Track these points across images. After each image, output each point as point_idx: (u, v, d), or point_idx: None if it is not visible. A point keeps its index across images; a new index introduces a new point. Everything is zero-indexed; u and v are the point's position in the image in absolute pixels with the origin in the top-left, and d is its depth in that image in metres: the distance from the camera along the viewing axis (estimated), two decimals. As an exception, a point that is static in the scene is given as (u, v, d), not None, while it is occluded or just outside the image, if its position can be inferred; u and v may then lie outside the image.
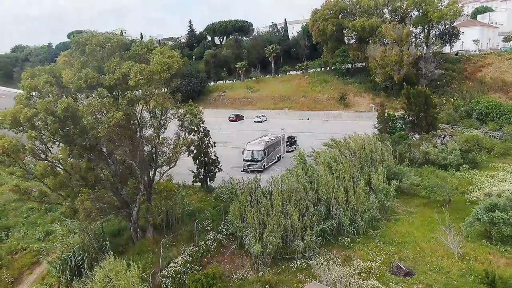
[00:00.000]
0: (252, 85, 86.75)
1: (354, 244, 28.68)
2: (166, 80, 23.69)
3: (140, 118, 23.50)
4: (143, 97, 22.73)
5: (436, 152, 43.64)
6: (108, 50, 22.95)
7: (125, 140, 21.53)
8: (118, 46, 23.91)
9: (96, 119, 20.39)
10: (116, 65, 22.62)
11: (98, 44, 22.68)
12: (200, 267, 24.17)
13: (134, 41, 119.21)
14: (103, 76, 22.33)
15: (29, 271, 24.68)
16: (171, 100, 25.25)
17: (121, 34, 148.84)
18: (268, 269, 25.31)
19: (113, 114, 19.93)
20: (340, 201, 30.20)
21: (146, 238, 26.67)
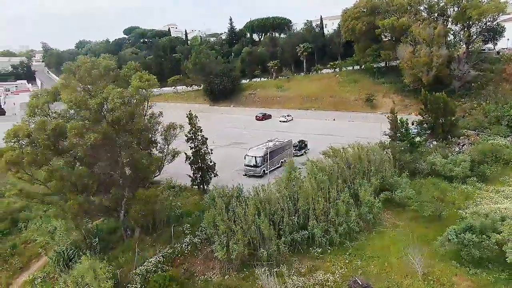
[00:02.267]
0: (282, 84, 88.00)
1: (326, 255, 30.02)
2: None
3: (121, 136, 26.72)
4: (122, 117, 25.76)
5: (442, 163, 42.59)
6: (95, 76, 26.30)
7: (104, 156, 24.94)
8: (106, 70, 27.18)
9: (78, 140, 23.94)
10: (101, 89, 25.95)
11: (86, 71, 26.14)
12: (171, 268, 27.19)
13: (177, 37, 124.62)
14: (89, 99, 25.79)
15: (35, 260, 29.38)
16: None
17: (168, 30, 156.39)
18: (235, 274, 27.69)
19: (89, 136, 23.29)
20: (317, 212, 31.48)
21: (133, 237, 30.25)
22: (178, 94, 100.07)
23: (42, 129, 24.29)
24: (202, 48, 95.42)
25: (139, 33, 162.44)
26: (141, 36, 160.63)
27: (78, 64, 26.87)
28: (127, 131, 26.25)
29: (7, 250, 30.00)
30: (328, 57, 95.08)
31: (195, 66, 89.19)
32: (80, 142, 23.31)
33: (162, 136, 30.78)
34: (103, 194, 27.41)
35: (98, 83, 26.67)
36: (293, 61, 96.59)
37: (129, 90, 25.40)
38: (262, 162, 42.77)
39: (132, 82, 25.83)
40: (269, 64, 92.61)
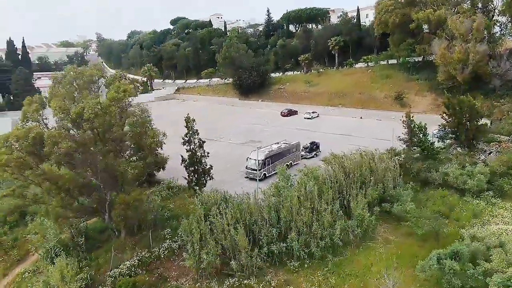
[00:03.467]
0: (312, 79, 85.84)
1: (303, 269, 29.38)
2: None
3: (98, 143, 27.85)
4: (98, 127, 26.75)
5: (456, 173, 39.46)
6: (78, 85, 27.52)
7: (80, 163, 26.25)
8: (89, 80, 28.30)
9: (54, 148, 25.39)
10: (83, 98, 27.14)
11: (69, 81, 27.43)
12: (145, 272, 28.20)
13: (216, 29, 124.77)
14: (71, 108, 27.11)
15: (32, 253, 31.85)
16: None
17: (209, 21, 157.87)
18: (207, 282, 28.08)
19: (61, 145, 24.59)
20: (299, 225, 30.78)
21: (119, 238, 31.69)
22: (210, 87, 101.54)
23: (26, 136, 25.92)
24: (232, 41, 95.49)
25: (183, 24, 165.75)
26: (185, 27, 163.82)
27: (65, 74, 28.26)
28: (106, 140, 27.34)
29: (9, 243, 32.89)
30: (364, 50, 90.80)
31: (224, 60, 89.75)
32: (54, 150, 24.66)
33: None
34: (87, 196, 28.89)
35: (83, 92, 27.84)
36: (327, 54, 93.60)
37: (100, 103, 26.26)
38: (262, 165, 42.40)
39: (108, 94, 26.67)
40: (300, 58, 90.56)
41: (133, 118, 29.60)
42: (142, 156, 33.72)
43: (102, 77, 30.81)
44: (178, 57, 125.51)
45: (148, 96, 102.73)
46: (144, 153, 30.06)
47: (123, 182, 28.64)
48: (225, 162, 49.46)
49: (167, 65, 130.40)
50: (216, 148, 57.78)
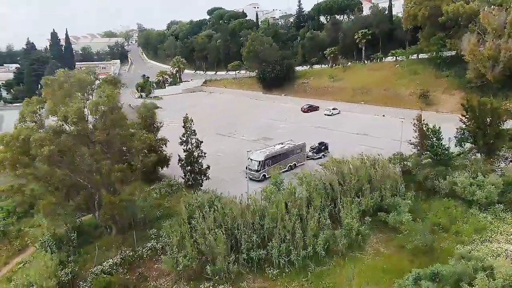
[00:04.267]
0: (336, 74, 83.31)
1: (282, 277, 29.06)
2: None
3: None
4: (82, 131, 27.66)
5: (464, 183, 36.94)
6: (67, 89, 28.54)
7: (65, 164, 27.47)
8: (79, 82, 29.24)
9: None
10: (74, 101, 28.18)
11: (58, 85, 28.54)
12: (126, 270, 29.20)
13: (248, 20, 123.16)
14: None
15: (32, 244, 33.97)
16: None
17: (242, 12, 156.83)
18: (185, 284, 28.63)
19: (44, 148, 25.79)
20: (281, 231, 30.37)
21: (110, 235, 32.98)
22: (236, 80, 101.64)
23: (17, 137, 27.45)
24: (257, 34, 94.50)
25: (218, 15, 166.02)
26: (220, 17, 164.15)
27: (52, 79, 29.47)
28: (92, 143, 28.37)
29: (14, 233, 35.29)
30: (395, 43, 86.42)
31: (248, 53, 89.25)
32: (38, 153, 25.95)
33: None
34: (76, 195, 30.24)
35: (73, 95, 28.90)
36: (355, 48, 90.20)
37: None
38: (261, 166, 42.05)
39: (92, 100, 27.41)
40: (326, 52, 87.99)
41: (122, 121, 30.22)
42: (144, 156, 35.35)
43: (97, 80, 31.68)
44: (209, 49, 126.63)
45: (176, 88, 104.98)
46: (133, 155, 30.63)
47: (109, 183, 29.55)
48: (231, 161, 49.59)
49: (198, 56, 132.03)
50: (227, 144, 58.30)
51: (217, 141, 59.30)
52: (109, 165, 28.31)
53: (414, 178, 40.29)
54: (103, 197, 29.75)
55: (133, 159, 32.14)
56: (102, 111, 27.44)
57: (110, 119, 28.17)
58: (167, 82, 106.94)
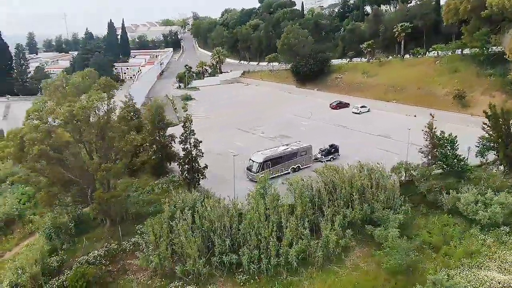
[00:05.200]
0: (371, 69, 79.43)
1: (251, 284, 29.48)
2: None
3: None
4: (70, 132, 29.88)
5: (468, 200, 34.25)
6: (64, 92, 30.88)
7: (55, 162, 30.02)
8: (74, 86, 31.48)
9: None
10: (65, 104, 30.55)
11: (54, 88, 30.95)
12: (109, 262, 31.42)
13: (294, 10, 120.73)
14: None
15: (36, 230, 37.50)
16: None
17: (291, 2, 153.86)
18: (159, 281, 30.19)
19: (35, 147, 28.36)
20: (254, 238, 30.63)
21: (104, 227, 35.52)
22: (272, 72, 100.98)
23: (15, 136, 30.49)
24: (293, 27, 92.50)
25: (267, 3, 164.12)
26: (269, 6, 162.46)
27: (53, 81, 31.99)
28: (80, 142, 30.62)
29: (28, 217, 39.26)
30: (441, 37, 79.87)
31: (283, 46, 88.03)
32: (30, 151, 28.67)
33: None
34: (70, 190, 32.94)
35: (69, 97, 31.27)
36: (397, 41, 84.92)
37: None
38: (260, 168, 42.11)
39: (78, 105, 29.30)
40: (363, 46, 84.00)
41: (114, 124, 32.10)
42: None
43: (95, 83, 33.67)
44: (252, 39, 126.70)
45: (214, 79, 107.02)
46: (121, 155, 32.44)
47: (101, 179, 31.72)
48: (240, 159, 49.59)
49: (242, 47, 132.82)
50: (243, 141, 58.55)
51: (234, 137, 59.97)
52: (96, 164, 30.37)
53: (417, 190, 38.12)
54: (95, 193, 31.96)
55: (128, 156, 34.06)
56: (87, 115, 29.34)
57: (97, 122, 30.03)
58: (206, 73, 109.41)
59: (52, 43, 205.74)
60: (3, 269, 31.25)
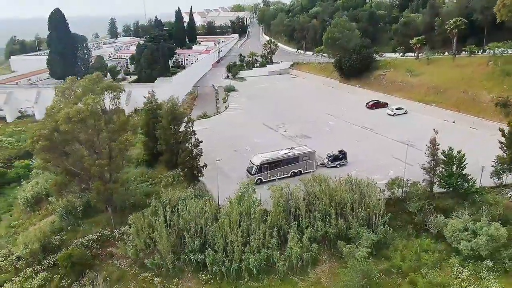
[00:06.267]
0: (416, 67, 73.91)
1: (211, 283, 31.46)
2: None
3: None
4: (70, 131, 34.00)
5: (454, 227, 32.19)
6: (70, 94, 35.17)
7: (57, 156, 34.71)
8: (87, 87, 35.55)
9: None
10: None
11: (62, 90, 35.28)
12: (99, 246, 35.71)
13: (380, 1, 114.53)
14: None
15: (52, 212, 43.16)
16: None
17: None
18: (137, 269, 33.67)
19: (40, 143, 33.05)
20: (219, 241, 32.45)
21: (107, 213, 39.97)
22: (320, 65, 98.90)
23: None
24: (339, 20, 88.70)
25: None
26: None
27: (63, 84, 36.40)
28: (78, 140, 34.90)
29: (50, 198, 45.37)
30: (506, 33, 71.22)
31: (327, 40, 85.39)
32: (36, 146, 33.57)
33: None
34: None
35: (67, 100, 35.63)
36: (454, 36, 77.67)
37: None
38: (257, 170, 43.18)
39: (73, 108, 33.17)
40: (412, 41, 78.12)
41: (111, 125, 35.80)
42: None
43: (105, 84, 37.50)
44: (309, 28, 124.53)
45: (263, 70, 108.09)
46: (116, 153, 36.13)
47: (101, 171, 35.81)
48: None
49: (298, 36, 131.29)
50: (264, 138, 59.21)
51: (256, 134, 60.93)
52: (92, 160, 34.43)
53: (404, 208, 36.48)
54: (94, 184, 36.25)
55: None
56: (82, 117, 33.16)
57: (91, 123, 33.87)
58: (256, 63, 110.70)
59: (130, 28, 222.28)
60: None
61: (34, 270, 33.34)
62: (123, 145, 35.68)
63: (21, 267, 33.76)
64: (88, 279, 32.26)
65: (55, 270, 33.22)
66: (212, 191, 41.68)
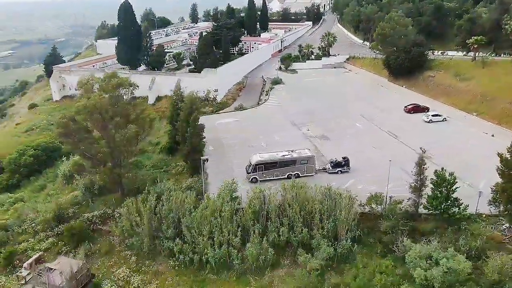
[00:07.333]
0: (468, 70, 67.19)
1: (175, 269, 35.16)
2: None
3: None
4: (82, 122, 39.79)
5: (415, 253, 31.25)
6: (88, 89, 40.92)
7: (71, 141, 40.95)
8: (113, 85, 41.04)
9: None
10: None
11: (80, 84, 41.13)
12: (101, 222, 41.57)
13: None
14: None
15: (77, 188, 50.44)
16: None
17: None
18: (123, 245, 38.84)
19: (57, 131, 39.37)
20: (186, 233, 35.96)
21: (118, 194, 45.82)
22: (374, 61, 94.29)
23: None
24: (393, 15, 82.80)
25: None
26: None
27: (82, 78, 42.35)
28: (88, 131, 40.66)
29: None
30: None
31: (377, 36, 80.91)
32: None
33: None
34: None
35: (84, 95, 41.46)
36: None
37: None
38: (252, 170, 45.16)
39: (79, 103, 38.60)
40: (469, 41, 70.44)
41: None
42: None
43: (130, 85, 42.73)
44: (375, 19, 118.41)
45: (317, 62, 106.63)
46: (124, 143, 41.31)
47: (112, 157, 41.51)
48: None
49: (364, 27, 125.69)
50: (285, 136, 59.98)
51: (279, 131, 61.96)
52: (97, 148, 40.12)
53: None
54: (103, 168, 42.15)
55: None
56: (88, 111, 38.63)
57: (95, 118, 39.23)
58: (312, 55, 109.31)
59: (210, 13, 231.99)
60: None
61: (46, 235, 40.51)
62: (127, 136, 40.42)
63: (38, 231, 41.18)
64: (83, 248, 38.39)
65: (60, 237, 39.93)
66: (210, 184, 45.16)
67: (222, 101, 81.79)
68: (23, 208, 47.42)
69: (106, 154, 40.20)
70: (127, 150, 42.27)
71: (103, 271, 36.12)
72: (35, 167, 59.76)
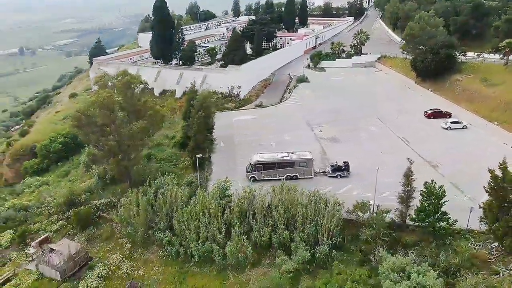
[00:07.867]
0: (498, 76, 63.24)
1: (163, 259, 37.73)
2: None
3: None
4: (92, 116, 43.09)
5: (387, 264, 31.33)
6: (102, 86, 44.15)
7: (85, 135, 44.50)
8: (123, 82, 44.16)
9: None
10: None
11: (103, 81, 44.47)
12: (108, 209, 44.99)
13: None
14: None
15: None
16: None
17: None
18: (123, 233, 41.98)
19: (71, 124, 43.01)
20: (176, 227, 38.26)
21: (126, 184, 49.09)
22: (404, 62, 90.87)
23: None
24: (424, 14, 78.94)
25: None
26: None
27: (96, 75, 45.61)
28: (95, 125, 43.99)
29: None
30: None
31: (406, 36, 77.81)
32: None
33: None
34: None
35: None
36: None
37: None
38: (252, 169, 46.40)
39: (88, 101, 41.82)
40: (501, 44, 65.95)
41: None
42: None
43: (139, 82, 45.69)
44: (411, 18, 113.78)
45: (347, 61, 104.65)
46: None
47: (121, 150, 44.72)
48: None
49: (402, 25, 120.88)
50: (295, 136, 60.68)
51: (291, 130, 62.39)
52: (105, 141, 43.42)
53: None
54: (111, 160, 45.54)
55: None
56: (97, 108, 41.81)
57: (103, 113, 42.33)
58: (343, 53, 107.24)
59: (252, 7, 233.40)
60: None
61: (58, 218, 44.65)
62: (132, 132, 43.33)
63: (52, 213, 45.45)
64: (87, 233, 42.01)
65: (69, 221, 43.86)
66: (212, 180, 47.09)
67: (246, 97, 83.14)
68: (45, 191, 52.31)
69: (113, 147, 43.27)
70: (133, 144, 45.08)
71: (100, 255, 39.40)
72: (63, 153, 65.11)
